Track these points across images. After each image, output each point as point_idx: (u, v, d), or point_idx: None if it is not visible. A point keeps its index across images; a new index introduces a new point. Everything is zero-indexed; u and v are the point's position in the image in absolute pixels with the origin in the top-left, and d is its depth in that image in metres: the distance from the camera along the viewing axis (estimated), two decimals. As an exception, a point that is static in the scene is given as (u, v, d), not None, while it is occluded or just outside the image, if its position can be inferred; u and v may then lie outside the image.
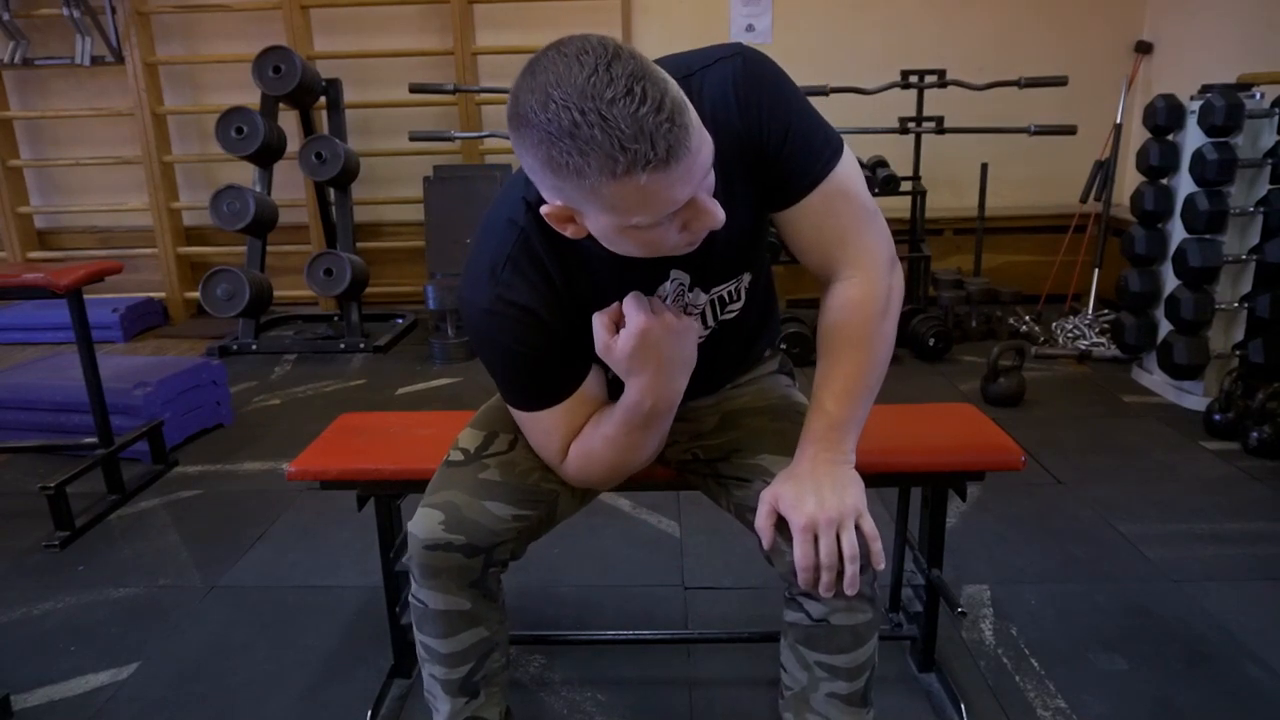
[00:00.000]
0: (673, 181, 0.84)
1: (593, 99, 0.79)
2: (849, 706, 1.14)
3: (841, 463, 1.09)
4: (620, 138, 0.79)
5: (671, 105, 0.81)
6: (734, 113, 1.00)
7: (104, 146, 4.75)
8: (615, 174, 0.81)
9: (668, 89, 0.82)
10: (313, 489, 1.49)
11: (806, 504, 1.04)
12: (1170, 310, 3.06)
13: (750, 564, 2.08)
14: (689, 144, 0.83)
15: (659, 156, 0.81)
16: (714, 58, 1.02)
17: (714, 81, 1.00)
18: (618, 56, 0.81)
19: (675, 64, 0.99)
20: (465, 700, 1.25)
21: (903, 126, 3.82)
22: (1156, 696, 1.62)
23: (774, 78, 1.03)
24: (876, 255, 1.10)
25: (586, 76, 0.80)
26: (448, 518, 1.16)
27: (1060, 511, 2.34)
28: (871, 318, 1.10)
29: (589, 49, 0.81)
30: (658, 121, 0.80)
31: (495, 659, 1.26)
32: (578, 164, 0.82)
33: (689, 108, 0.84)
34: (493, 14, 4.58)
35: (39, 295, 2.28)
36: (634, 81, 0.80)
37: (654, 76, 0.82)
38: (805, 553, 1.05)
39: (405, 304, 4.73)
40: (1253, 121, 2.91)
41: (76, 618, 1.95)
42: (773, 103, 1.01)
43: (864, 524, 1.05)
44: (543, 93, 0.81)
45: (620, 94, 0.79)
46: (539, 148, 0.83)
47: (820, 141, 1.05)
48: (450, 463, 1.25)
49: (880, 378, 1.13)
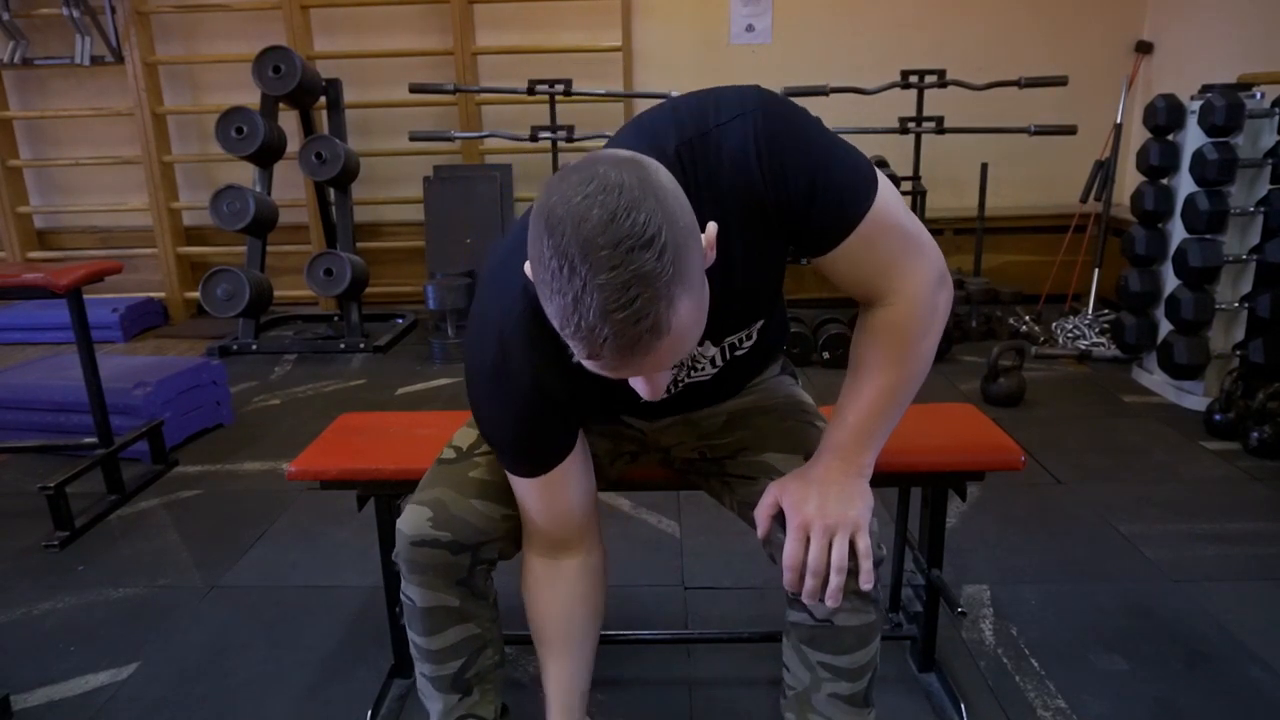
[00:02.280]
0: (616, 371, 0.83)
1: (586, 261, 0.75)
2: (851, 707, 1.15)
3: (855, 475, 1.08)
4: (583, 322, 0.77)
5: (655, 320, 0.77)
6: (755, 176, 0.95)
7: (104, 146, 4.75)
8: (568, 334, 0.80)
9: (666, 297, 0.77)
10: (313, 489, 1.49)
11: (807, 505, 1.04)
12: (1170, 310, 3.06)
13: (750, 564, 2.08)
14: (646, 359, 0.80)
15: (606, 359, 0.80)
16: (731, 114, 0.95)
17: (732, 142, 0.94)
18: (648, 245, 0.76)
19: (691, 115, 0.96)
20: (458, 698, 1.25)
21: (903, 126, 3.82)
22: (1156, 696, 1.62)
23: (794, 131, 0.96)
24: (921, 277, 1.05)
25: (599, 239, 0.75)
26: (435, 514, 1.16)
27: (1060, 511, 2.34)
28: (910, 340, 1.07)
29: (628, 209, 0.76)
30: (624, 330, 0.77)
31: (488, 656, 1.25)
32: (544, 289, 0.80)
33: (678, 313, 0.79)
34: (493, 14, 4.58)
35: (39, 295, 2.28)
36: (635, 281, 0.75)
37: (660, 286, 0.76)
38: (793, 552, 1.05)
39: (405, 304, 4.73)
40: (1253, 121, 2.91)
41: (76, 618, 1.95)
42: (795, 161, 0.95)
43: (859, 540, 1.04)
44: (564, 206, 0.77)
45: (613, 284, 0.75)
46: (537, 250, 0.80)
47: (850, 187, 0.98)
48: (442, 460, 1.25)
49: (913, 393, 1.11)
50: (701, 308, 0.84)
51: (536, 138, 3.95)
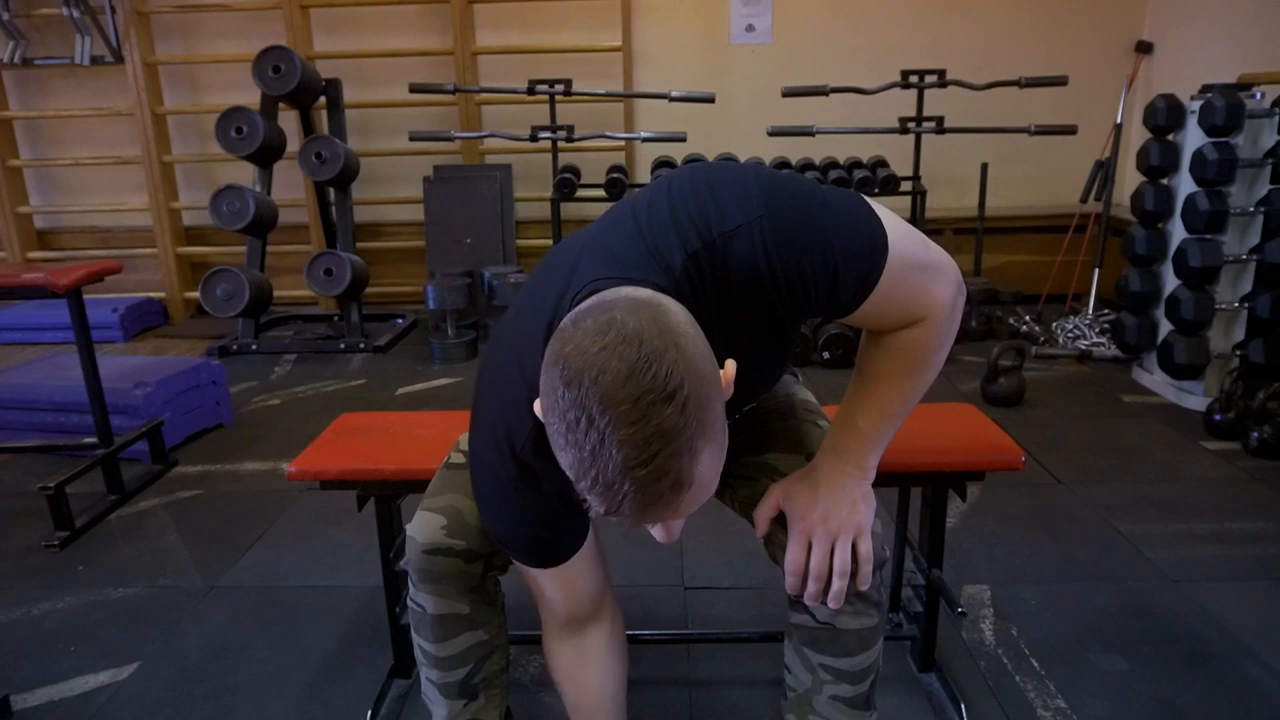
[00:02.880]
0: (641, 525, 0.80)
1: (606, 414, 0.72)
2: (852, 710, 1.14)
3: (859, 478, 1.08)
4: (600, 474, 0.74)
5: (675, 478, 0.74)
6: (768, 283, 0.92)
7: (104, 146, 4.75)
8: (582, 486, 0.77)
9: (687, 456, 0.74)
10: (313, 489, 1.49)
11: (810, 510, 1.04)
12: (1170, 310, 3.06)
13: (750, 564, 2.08)
14: (674, 505, 0.77)
15: (622, 515, 0.76)
16: (735, 220, 0.90)
17: (740, 253, 0.90)
18: (670, 399, 0.72)
19: (693, 222, 0.91)
20: (464, 703, 1.25)
21: (903, 126, 3.82)
22: (1156, 696, 1.62)
23: (802, 226, 0.91)
24: (941, 299, 1.03)
25: (620, 392, 0.72)
26: (449, 522, 1.15)
27: (1060, 511, 2.34)
28: (930, 352, 1.06)
29: (650, 364, 0.73)
30: (642, 489, 0.74)
31: (494, 661, 1.26)
32: (554, 433, 0.77)
33: (699, 471, 0.76)
34: (493, 14, 4.58)
35: (39, 295, 2.28)
36: (657, 438, 0.72)
37: (682, 443, 0.73)
38: (795, 558, 1.05)
39: (405, 304, 4.73)
40: (1253, 121, 2.91)
41: (76, 618, 1.95)
42: (811, 258, 0.91)
43: (861, 544, 1.04)
44: (578, 347, 0.75)
45: (634, 440, 0.72)
46: (551, 395, 0.77)
47: (867, 253, 0.94)
48: (451, 465, 1.24)
49: (919, 399, 1.11)
50: (721, 454, 0.81)
51: (536, 138, 3.96)
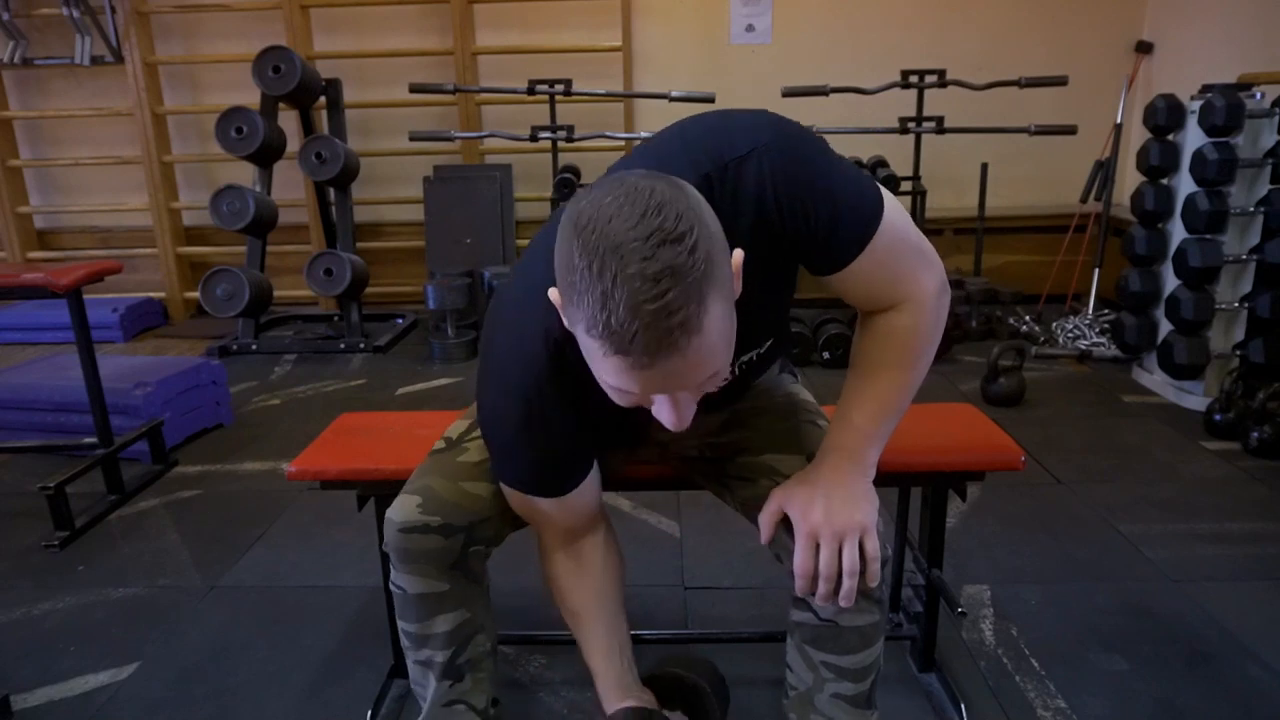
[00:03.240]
0: (648, 376, 0.81)
1: (619, 256, 0.76)
2: (854, 708, 1.15)
3: (860, 476, 1.09)
4: (613, 315, 0.76)
5: (687, 316, 0.77)
6: (773, 214, 0.96)
7: (104, 146, 4.75)
8: (593, 334, 0.79)
9: (698, 297, 0.77)
10: (313, 489, 1.49)
11: (814, 512, 1.04)
12: (1170, 310, 3.07)
13: (750, 564, 2.08)
14: (682, 350, 0.78)
15: (634, 355, 0.78)
16: (746, 148, 0.95)
17: (750, 181, 0.95)
18: (680, 239, 0.76)
19: (706, 150, 0.96)
20: (450, 684, 1.24)
21: (903, 126, 3.82)
22: (1156, 696, 1.62)
23: (808, 163, 0.97)
24: (927, 286, 1.07)
25: (631, 236, 0.76)
26: (425, 500, 1.17)
27: (1060, 511, 2.34)
28: (914, 345, 1.08)
29: (661, 207, 0.77)
30: (656, 324, 0.76)
31: (479, 643, 1.25)
32: (573, 294, 0.80)
33: (709, 318, 0.79)
34: (493, 14, 4.58)
35: (39, 295, 2.28)
36: (666, 274, 0.75)
37: (693, 281, 0.76)
38: (804, 559, 1.05)
39: (405, 304, 4.73)
40: (1253, 121, 2.91)
41: (76, 618, 1.95)
42: (813, 194, 0.96)
43: (868, 542, 1.05)
44: (593, 210, 0.78)
45: (646, 276, 0.75)
46: (561, 245, 0.81)
47: (864, 208, 1.00)
48: (433, 451, 1.26)
49: (913, 395, 1.12)
50: (731, 321, 0.84)
51: (536, 138, 3.96)
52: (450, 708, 1.25)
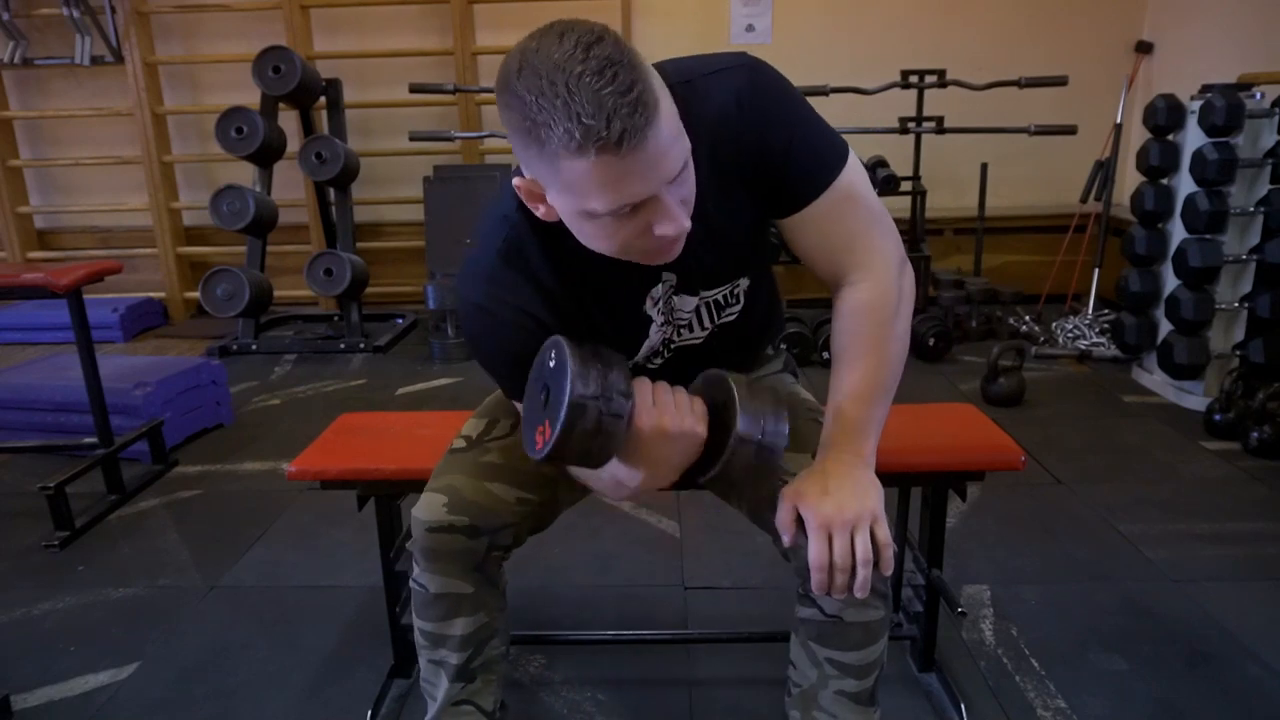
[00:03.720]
0: (626, 169, 0.83)
1: (563, 70, 0.80)
2: (856, 705, 1.15)
3: (861, 466, 1.08)
4: (579, 111, 0.79)
5: (640, 94, 0.81)
6: (736, 122, 1.00)
7: (104, 146, 4.75)
8: (570, 147, 0.81)
9: (643, 80, 0.82)
10: (313, 489, 1.49)
11: (825, 505, 1.04)
12: (1170, 310, 3.06)
13: (750, 564, 2.08)
14: (648, 132, 0.82)
15: (611, 137, 0.80)
16: (719, 65, 1.01)
17: (719, 89, 1.00)
18: (601, 40, 0.82)
19: (678, 68, 0.99)
20: (461, 685, 1.25)
21: (903, 126, 3.82)
22: (1156, 696, 1.62)
23: (780, 89, 1.02)
24: (885, 257, 1.09)
25: (566, 52, 0.81)
26: (451, 500, 1.17)
27: (1060, 511, 2.34)
28: (883, 321, 1.09)
29: (576, 28, 0.83)
30: (619, 103, 0.80)
31: (494, 646, 1.26)
32: (539, 132, 0.82)
33: (662, 105, 0.84)
34: (493, 14, 4.58)
35: (39, 295, 2.28)
36: (608, 65, 0.80)
37: (632, 65, 0.82)
38: (820, 552, 1.04)
39: (405, 304, 4.73)
40: (1253, 121, 2.91)
41: (76, 618, 1.95)
42: (778, 113, 1.01)
43: (878, 530, 1.05)
44: (523, 59, 0.83)
45: (591, 71, 0.80)
46: (511, 112, 0.85)
47: (826, 149, 1.04)
48: (453, 450, 1.26)
49: (896, 377, 1.12)
50: (681, 130, 0.88)
51: (536, 138, 3.95)
52: (458, 708, 1.25)
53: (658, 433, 1.01)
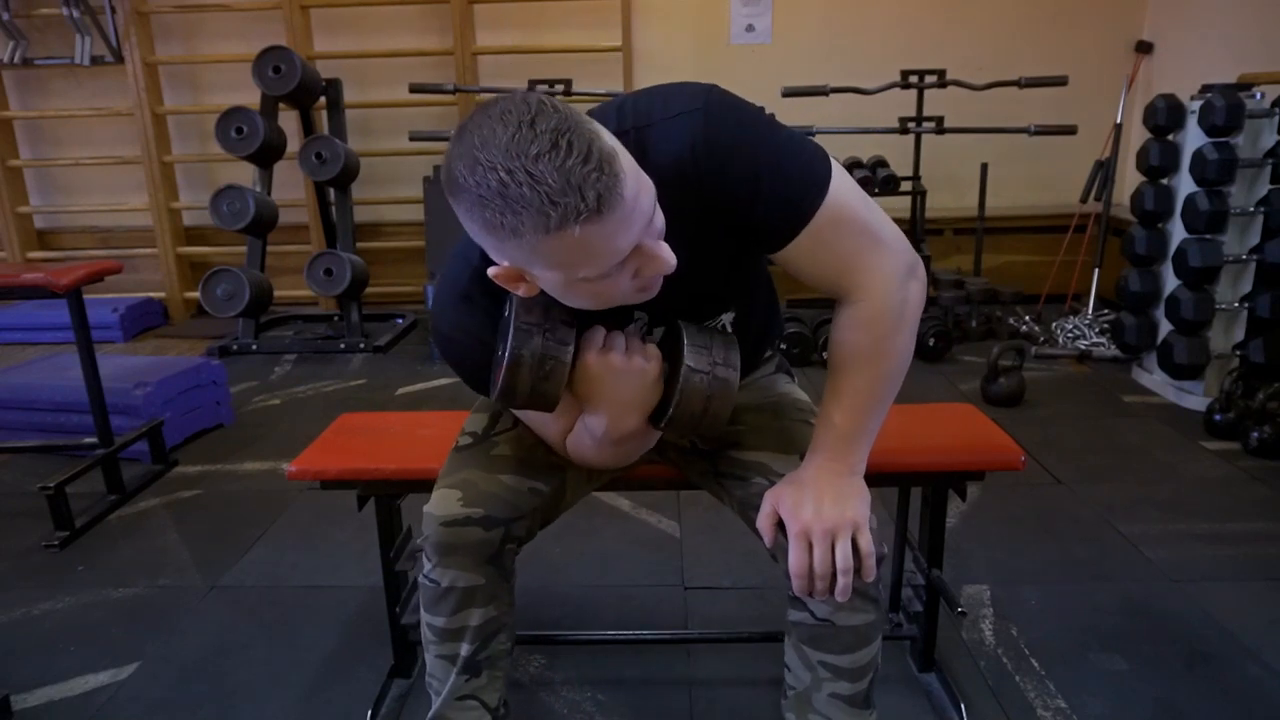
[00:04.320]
0: (610, 231, 0.82)
1: (518, 157, 0.78)
2: (851, 708, 1.15)
3: (846, 474, 1.08)
4: (549, 192, 0.78)
5: (600, 154, 0.80)
6: (693, 173, 0.97)
7: (104, 146, 4.75)
8: (549, 229, 0.80)
9: (595, 139, 0.81)
10: (313, 489, 1.49)
11: (804, 512, 1.05)
12: (1170, 310, 3.06)
13: (750, 564, 2.08)
14: (621, 190, 0.81)
15: (590, 207, 0.79)
16: (676, 110, 0.97)
17: (674, 137, 0.96)
18: (541, 112, 0.80)
19: (636, 109, 0.99)
20: (466, 678, 1.24)
21: (903, 126, 3.82)
22: (1156, 696, 1.62)
23: (737, 128, 0.97)
24: (885, 272, 1.04)
25: (510, 135, 0.79)
26: (465, 494, 1.17)
27: (1060, 511, 2.34)
28: (882, 336, 1.06)
29: (512, 109, 0.81)
30: (585, 172, 0.79)
31: (500, 641, 1.26)
32: (512, 224, 0.81)
33: (620, 155, 0.83)
34: (493, 14, 4.58)
35: (39, 295, 2.28)
36: (558, 135, 0.79)
37: (580, 129, 0.80)
38: (798, 559, 1.05)
39: (405, 304, 4.73)
40: (1253, 121, 2.91)
41: (76, 618, 1.95)
42: (737, 160, 0.96)
43: (860, 539, 1.05)
44: (470, 156, 0.81)
45: (545, 149, 0.78)
46: (473, 211, 0.83)
47: (799, 185, 0.98)
48: (459, 447, 1.26)
49: (894, 389, 1.10)
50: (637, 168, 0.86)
51: (536, 138, 3.95)
52: (463, 702, 1.25)
53: (606, 367, 1.03)
